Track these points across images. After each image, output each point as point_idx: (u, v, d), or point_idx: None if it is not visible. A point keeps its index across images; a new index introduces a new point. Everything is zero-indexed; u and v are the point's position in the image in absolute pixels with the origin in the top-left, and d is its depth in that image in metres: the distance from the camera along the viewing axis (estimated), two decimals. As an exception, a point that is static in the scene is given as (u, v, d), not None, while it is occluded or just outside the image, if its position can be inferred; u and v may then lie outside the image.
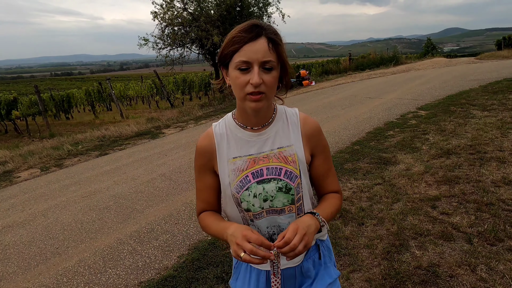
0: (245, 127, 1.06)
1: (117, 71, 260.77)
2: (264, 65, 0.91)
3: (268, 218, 1.05)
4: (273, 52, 0.91)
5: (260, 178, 1.02)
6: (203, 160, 1.10)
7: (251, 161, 1.04)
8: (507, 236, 2.50)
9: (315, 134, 1.08)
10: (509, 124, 5.12)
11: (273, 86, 0.94)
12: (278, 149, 1.04)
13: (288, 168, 1.02)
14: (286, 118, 1.08)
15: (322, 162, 1.10)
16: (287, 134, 1.06)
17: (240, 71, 0.92)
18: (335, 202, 1.11)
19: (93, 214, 3.89)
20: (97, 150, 7.00)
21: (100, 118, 16.01)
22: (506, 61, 15.18)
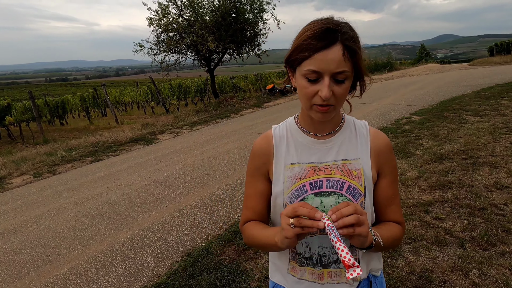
0: (308, 132, 0.97)
1: (113, 76, 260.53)
2: (336, 76, 0.81)
3: (321, 237, 0.92)
4: (349, 61, 0.81)
5: (318, 190, 0.92)
6: (257, 163, 1.01)
7: (310, 170, 0.94)
8: (500, 241, 2.52)
9: (386, 151, 0.96)
10: (501, 130, 5.17)
11: (343, 97, 0.85)
12: (343, 160, 0.94)
13: (352, 183, 0.91)
14: (355, 129, 0.98)
15: (388, 184, 0.96)
16: (354, 145, 0.96)
17: (308, 81, 0.83)
18: (395, 230, 0.95)
19: (85, 221, 3.85)
20: (91, 156, 6.96)
21: (95, 124, 15.93)
22: (498, 67, 15.38)
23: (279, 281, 1.04)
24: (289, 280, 1.00)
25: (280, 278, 1.03)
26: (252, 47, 14.06)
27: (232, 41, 12.88)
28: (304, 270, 0.97)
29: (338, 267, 0.94)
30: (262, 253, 2.78)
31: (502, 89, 8.62)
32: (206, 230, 3.34)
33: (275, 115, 9.47)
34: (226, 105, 12.27)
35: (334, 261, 0.94)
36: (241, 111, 11.01)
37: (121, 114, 21.18)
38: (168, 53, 13.05)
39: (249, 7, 13.01)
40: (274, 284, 1.06)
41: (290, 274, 1.00)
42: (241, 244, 2.95)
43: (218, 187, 4.40)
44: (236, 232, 3.16)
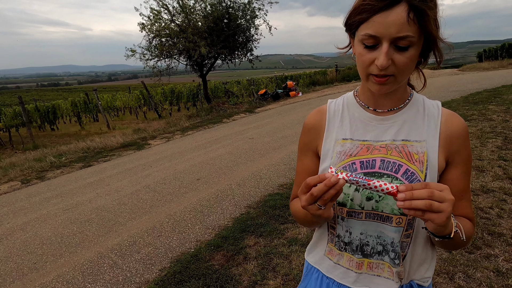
0: (366, 107, 0.87)
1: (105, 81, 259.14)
2: (398, 42, 0.70)
3: (366, 223, 0.82)
4: (415, 24, 0.68)
5: (370, 169, 0.80)
6: (307, 138, 0.94)
7: (364, 148, 0.84)
8: (485, 244, 2.55)
9: (460, 137, 0.81)
10: (488, 134, 5.26)
11: (407, 68, 0.73)
12: (403, 141, 0.82)
13: (411, 167, 0.78)
14: (424, 108, 0.85)
15: (460, 176, 0.82)
16: (419, 126, 0.83)
17: (365, 47, 0.73)
18: (468, 227, 0.82)
19: (74, 227, 3.80)
20: (81, 161, 6.89)
21: (86, 129, 15.80)
22: (487, 73, 15.66)
23: (314, 262, 0.97)
24: (324, 263, 0.94)
25: (315, 259, 0.97)
26: (244, 52, 14.13)
27: (224, 46, 12.93)
28: (341, 255, 0.89)
29: (382, 259, 0.83)
30: (251, 259, 2.77)
31: (490, 94, 8.77)
32: (195, 236, 3.33)
33: (267, 120, 9.50)
34: (218, 110, 12.28)
35: (378, 252, 0.83)
36: (233, 116, 11.02)
37: (113, 119, 21.04)
38: (160, 58, 13.04)
39: (241, 13, 13.10)
40: (309, 265, 0.99)
41: (327, 257, 0.93)
42: (230, 250, 2.94)
43: (209, 193, 4.38)
44: (225, 238, 3.16)
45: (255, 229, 3.25)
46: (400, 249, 0.81)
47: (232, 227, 3.37)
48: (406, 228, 0.80)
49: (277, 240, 3.03)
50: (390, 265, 0.83)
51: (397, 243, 0.81)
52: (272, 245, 2.94)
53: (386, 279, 0.84)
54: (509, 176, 3.66)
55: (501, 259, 2.36)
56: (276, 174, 4.81)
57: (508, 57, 22.56)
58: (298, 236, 3.04)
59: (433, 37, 0.72)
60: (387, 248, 0.82)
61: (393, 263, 0.82)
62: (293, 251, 2.80)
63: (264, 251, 2.86)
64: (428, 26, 0.69)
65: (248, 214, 3.62)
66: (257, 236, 3.14)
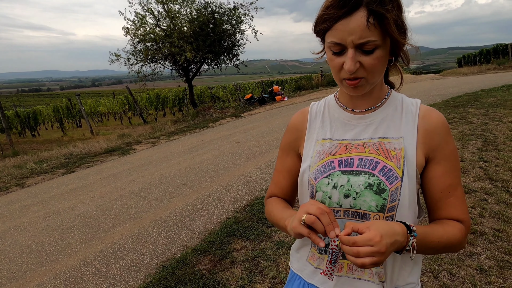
0: (345, 107, 0.89)
1: (89, 87, 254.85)
2: (362, 46, 0.71)
3: (345, 221, 0.81)
4: (376, 28, 0.69)
5: (348, 168, 0.81)
6: (289, 138, 0.96)
7: (342, 146, 0.85)
8: (468, 243, 2.60)
9: (439, 132, 0.80)
10: (469, 136, 5.39)
11: (375, 69, 0.74)
12: (380, 138, 0.83)
13: (388, 164, 0.78)
14: (401, 106, 0.85)
15: (443, 173, 0.80)
16: (397, 123, 0.83)
17: (333, 53, 0.75)
18: (451, 230, 0.78)
19: (55, 235, 3.69)
20: (63, 168, 6.72)
21: (68, 135, 15.47)
22: (466, 78, 16.13)
23: (296, 269, 0.96)
24: (306, 269, 0.92)
25: (298, 266, 0.96)
26: (230, 57, 14.16)
27: (210, 51, 12.93)
28: (322, 258, 0.88)
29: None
30: (238, 263, 2.75)
31: (470, 98, 9.02)
32: (182, 241, 3.28)
33: (253, 124, 9.51)
34: (204, 115, 12.23)
35: None
36: (219, 120, 10.99)
37: (97, 125, 20.68)
38: (145, 63, 12.93)
39: (227, 18, 13.15)
40: (292, 272, 0.99)
41: (308, 262, 0.92)
42: (217, 254, 2.91)
43: (195, 197, 4.34)
44: (212, 242, 3.12)
45: (242, 233, 3.23)
46: None
47: (219, 231, 3.34)
48: None
49: (264, 243, 3.01)
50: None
51: None
52: (260, 249, 2.92)
53: (367, 281, 0.82)
54: (490, 177, 3.76)
55: (484, 257, 2.41)
56: (263, 177, 4.81)
57: (486, 62, 23.31)
58: (285, 239, 3.03)
59: (395, 39, 0.73)
60: None
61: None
62: (280, 254, 2.78)
63: (252, 254, 2.84)
64: (389, 29, 0.70)
65: (235, 218, 3.59)
66: (244, 240, 3.11)
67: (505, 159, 4.22)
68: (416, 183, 0.80)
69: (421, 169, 0.81)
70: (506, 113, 6.67)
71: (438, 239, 0.77)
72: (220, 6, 12.97)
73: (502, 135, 5.25)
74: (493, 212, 3.01)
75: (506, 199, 3.21)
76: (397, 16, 0.71)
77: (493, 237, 2.64)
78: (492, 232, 2.71)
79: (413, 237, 0.72)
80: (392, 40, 0.74)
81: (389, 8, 0.69)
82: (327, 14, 0.72)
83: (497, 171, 3.90)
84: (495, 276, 2.19)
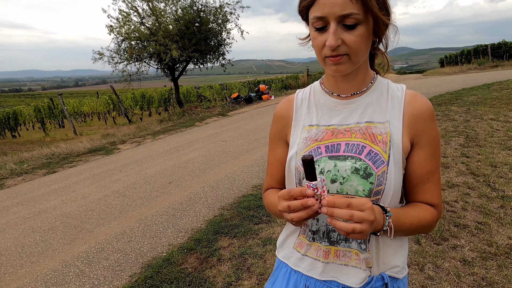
0: (331, 93, 0.88)
1: (72, 87, 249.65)
2: (344, 20, 0.71)
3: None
4: (357, 1, 0.70)
5: (335, 153, 0.81)
6: (277, 127, 0.95)
7: (329, 132, 0.85)
8: (452, 235, 2.64)
9: (424, 117, 0.80)
10: (451, 133, 5.51)
11: (358, 45, 0.74)
12: (367, 123, 0.82)
13: (374, 148, 0.78)
14: (387, 90, 0.85)
15: (425, 158, 0.81)
16: (383, 108, 0.83)
17: (316, 30, 0.75)
18: (423, 213, 0.81)
19: (36, 236, 3.58)
20: (45, 168, 6.54)
21: (51, 135, 15.09)
22: (448, 77, 16.50)
23: (283, 257, 0.96)
24: (293, 257, 0.92)
25: (284, 254, 0.95)
26: (216, 56, 14.08)
27: (196, 50, 12.83)
28: (310, 245, 0.87)
29: (349, 246, 0.82)
30: (225, 260, 2.72)
31: (452, 97, 9.23)
32: (167, 240, 3.23)
33: (240, 122, 9.47)
34: (190, 114, 12.12)
35: (344, 238, 0.82)
36: (206, 119, 10.91)
37: (80, 125, 20.27)
38: (130, 62, 12.72)
39: (213, 17, 13.06)
40: (278, 260, 0.98)
41: (295, 249, 0.91)
42: (203, 252, 2.87)
43: (181, 196, 4.28)
44: (198, 240, 3.08)
45: (229, 231, 3.20)
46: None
47: (205, 229, 3.30)
48: None
49: (251, 240, 2.99)
50: (358, 251, 0.81)
51: None
52: (247, 246, 2.90)
53: (353, 267, 0.82)
54: (472, 172, 3.84)
55: (467, 249, 2.45)
56: (250, 175, 4.79)
57: (467, 62, 23.90)
58: (273, 235, 3.02)
59: (375, 15, 0.73)
60: None
61: (360, 248, 0.81)
62: (267, 251, 2.77)
63: (239, 252, 2.82)
64: (369, 3, 0.71)
65: (222, 215, 3.56)
66: (231, 237, 3.09)
67: (486, 154, 4.32)
68: (402, 168, 0.80)
69: (407, 153, 0.81)
70: (487, 111, 6.85)
71: (410, 221, 0.78)
72: (206, 5, 12.88)
73: (483, 132, 5.38)
74: (475, 206, 3.07)
75: (487, 193, 3.29)
76: None
77: (475, 229, 2.69)
78: (475, 224, 2.76)
79: (388, 217, 0.74)
80: (374, 18, 0.74)
81: None
82: None
83: (479, 166, 3.99)
84: (478, 267, 2.23)
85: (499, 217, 2.84)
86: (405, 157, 0.81)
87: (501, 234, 2.59)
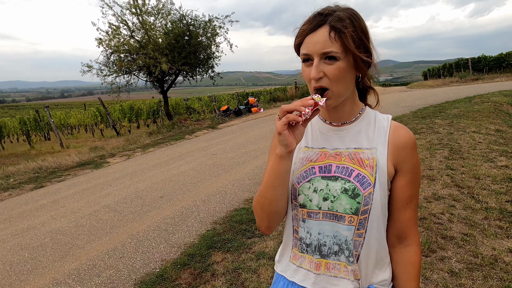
0: (324, 120, 0.99)
1: (58, 98, 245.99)
2: (325, 56, 0.83)
3: (323, 223, 0.90)
4: (336, 41, 0.81)
5: (327, 174, 0.91)
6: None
7: (322, 154, 0.94)
8: (439, 247, 2.73)
9: (406, 147, 0.90)
10: (436, 146, 5.68)
11: (338, 79, 0.84)
12: (355, 149, 0.92)
13: (362, 172, 0.88)
14: (375, 120, 0.96)
15: (406, 184, 0.90)
16: (370, 136, 0.93)
17: (305, 64, 0.87)
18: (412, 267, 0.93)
19: (25, 254, 3.52)
20: (32, 182, 6.43)
21: (36, 148, 14.81)
22: (432, 90, 16.99)
23: (281, 270, 1.02)
24: (289, 269, 0.99)
25: (282, 267, 1.02)
26: (205, 69, 14.18)
27: (185, 63, 12.90)
28: (303, 257, 0.95)
29: (338, 259, 0.90)
30: (219, 275, 2.74)
31: (436, 110, 9.51)
32: (160, 255, 3.22)
33: (230, 135, 9.53)
34: (180, 127, 12.12)
35: (334, 252, 0.90)
36: (196, 132, 10.93)
37: (67, 137, 19.95)
38: (119, 74, 12.70)
39: (202, 31, 13.20)
40: (277, 274, 1.05)
41: (291, 262, 0.98)
42: (197, 267, 2.88)
43: (173, 210, 4.28)
44: (192, 255, 3.09)
45: (222, 245, 3.22)
46: (353, 248, 0.88)
47: (198, 244, 3.31)
48: (358, 227, 0.87)
49: (244, 255, 3.02)
50: (346, 263, 0.89)
51: (350, 241, 0.88)
52: (240, 260, 2.93)
53: (342, 279, 0.90)
54: (457, 184, 3.97)
55: (454, 260, 2.54)
56: (241, 189, 4.82)
57: (449, 75, 24.69)
58: (266, 249, 3.05)
59: (352, 52, 0.83)
60: (343, 247, 0.89)
61: (348, 261, 0.89)
62: (261, 265, 2.80)
63: (232, 266, 2.84)
64: (346, 41, 0.81)
65: (215, 230, 3.58)
66: (224, 252, 3.11)
67: (469, 167, 4.48)
68: (387, 189, 0.90)
69: (391, 177, 0.91)
70: (469, 124, 7.09)
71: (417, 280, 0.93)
72: (196, 19, 13.03)
73: (466, 144, 5.57)
74: (461, 218, 3.18)
75: (472, 205, 3.41)
76: (355, 32, 0.83)
77: (461, 241, 2.79)
78: (461, 236, 2.86)
79: None
80: (353, 55, 0.83)
81: (347, 25, 0.82)
82: (300, 30, 0.87)
83: (463, 178, 4.13)
84: (465, 278, 2.32)
85: (484, 229, 2.95)
86: (389, 180, 0.90)
87: (486, 245, 2.70)
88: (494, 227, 2.97)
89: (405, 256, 0.93)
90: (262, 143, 7.80)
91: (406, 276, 0.93)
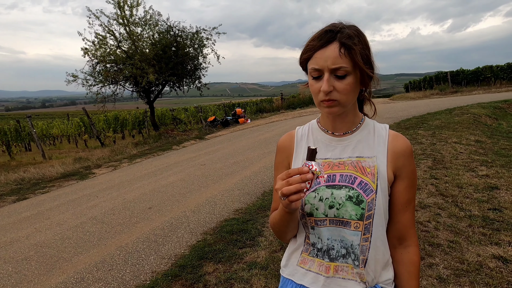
0: (326, 131, 1.03)
1: (39, 108, 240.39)
2: (335, 72, 0.87)
3: (331, 229, 0.95)
4: (346, 57, 0.86)
5: (331, 183, 0.95)
6: (281, 157, 1.09)
7: (325, 164, 0.99)
8: (427, 254, 2.80)
9: (404, 154, 0.97)
10: (420, 156, 5.84)
11: (348, 93, 0.89)
12: (357, 158, 0.97)
13: (364, 179, 0.93)
14: (374, 130, 1.01)
15: (404, 188, 0.97)
16: (370, 145, 0.99)
17: (313, 79, 0.91)
18: (413, 267, 0.99)
19: (8, 268, 3.41)
20: (14, 194, 6.25)
21: (17, 159, 14.40)
22: (413, 102, 17.48)
23: (288, 275, 1.06)
24: (297, 273, 1.03)
25: (289, 272, 1.06)
26: (192, 80, 14.22)
27: (172, 74, 12.92)
28: (313, 261, 1.00)
29: (346, 262, 0.95)
30: (211, 286, 2.72)
31: (418, 121, 9.79)
32: (150, 267, 3.18)
33: (218, 146, 9.53)
34: (167, 137, 12.04)
35: (342, 255, 0.96)
36: (183, 143, 10.87)
37: (49, 148, 19.49)
38: (105, 84, 12.58)
39: (190, 42, 13.29)
40: (283, 278, 1.08)
41: (299, 266, 1.03)
42: (189, 279, 2.86)
43: (162, 221, 4.24)
44: (183, 266, 3.06)
45: (214, 256, 3.21)
46: (359, 252, 0.94)
47: (189, 255, 3.29)
48: (364, 232, 0.93)
49: (236, 265, 3.01)
50: (352, 266, 0.95)
51: (356, 245, 0.94)
52: (232, 271, 2.92)
53: (350, 280, 0.95)
54: (441, 193, 4.09)
55: (441, 267, 2.61)
56: (231, 199, 4.83)
57: (429, 88, 25.48)
58: (257, 259, 3.06)
59: (361, 68, 0.89)
60: (349, 250, 0.95)
61: (354, 264, 0.95)
62: (253, 275, 2.80)
63: (224, 277, 2.83)
64: (355, 58, 0.87)
65: (205, 240, 3.56)
66: (215, 262, 3.10)
67: (452, 176, 4.62)
68: (388, 195, 0.97)
69: (391, 183, 0.97)
70: (450, 134, 7.33)
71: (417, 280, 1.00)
72: (183, 30, 13.12)
73: (448, 154, 5.75)
74: (446, 225, 3.28)
75: (456, 213, 3.52)
76: (363, 50, 0.89)
77: (448, 248, 2.87)
78: (447, 243, 2.95)
79: None
80: (360, 71, 0.89)
81: (356, 42, 0.87)
82: (309, 45, 0.90)
83: (447, 187, 4.27)
84: (453, 284, 2.39)
85: (468, 236, 3.05)
86: (389, 186, 0.96)
87: (471, 251, 2.79)
88: (478, 234, 3.07)
89: (406, 256, 0.99)
90: (250, 154, 7.83)
91: (408, 275, 0.99)
